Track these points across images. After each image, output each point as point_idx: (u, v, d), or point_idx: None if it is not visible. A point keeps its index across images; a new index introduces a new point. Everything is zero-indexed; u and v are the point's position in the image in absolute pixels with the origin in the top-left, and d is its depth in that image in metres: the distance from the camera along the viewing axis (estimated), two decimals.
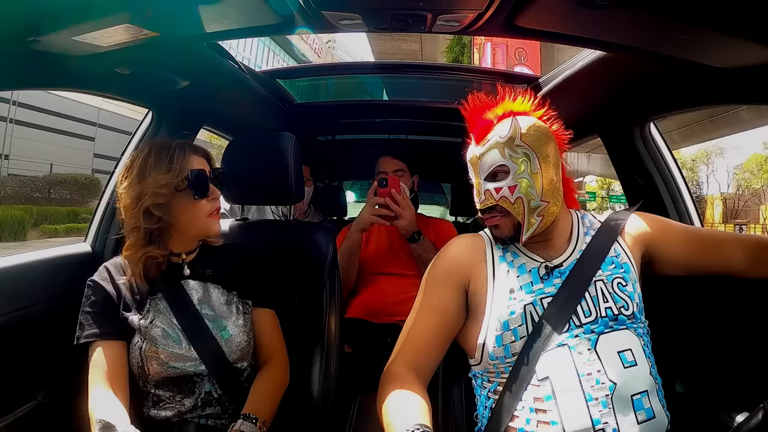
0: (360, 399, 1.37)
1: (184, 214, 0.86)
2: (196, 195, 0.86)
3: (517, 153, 0.79)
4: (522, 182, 0.79)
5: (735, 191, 28.10)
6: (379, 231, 1.62)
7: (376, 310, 1.48)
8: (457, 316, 0.83)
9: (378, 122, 1.92)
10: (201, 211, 0.88)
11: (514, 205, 0.79)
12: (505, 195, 0.79)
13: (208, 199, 0.89)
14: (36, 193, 12.60)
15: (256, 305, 0.93)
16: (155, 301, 0.86)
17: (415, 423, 0.63)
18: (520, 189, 0.79)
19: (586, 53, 0.96)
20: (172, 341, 0.83)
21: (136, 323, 0.83)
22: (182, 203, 0.86)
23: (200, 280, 0.90)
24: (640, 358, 0.73)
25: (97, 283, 0.85)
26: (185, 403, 0.83)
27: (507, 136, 0.79)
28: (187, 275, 0.89)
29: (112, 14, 0.67)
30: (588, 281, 0.78)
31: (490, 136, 0.81)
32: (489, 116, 0.82)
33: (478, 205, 0.84)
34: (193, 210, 0.87)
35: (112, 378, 0.79)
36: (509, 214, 0.80)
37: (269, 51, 21.55)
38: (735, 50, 0.67)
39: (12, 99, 12.13)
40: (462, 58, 10.74)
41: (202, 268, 0.91)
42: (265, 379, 0.89)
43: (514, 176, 0.79)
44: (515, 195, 0.79)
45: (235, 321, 0.88)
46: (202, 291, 0.89)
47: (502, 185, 0.79)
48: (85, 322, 0.82)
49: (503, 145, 0.79)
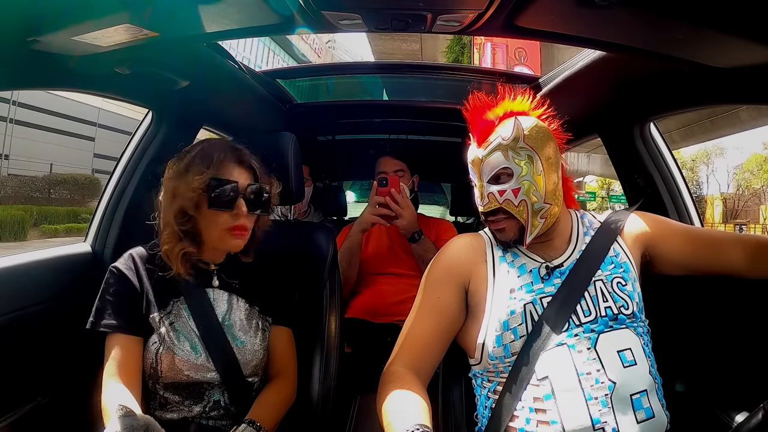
0: (360, 399, 1.37)
1: (205, 221, 0.83)
2: (211, 205, 0.81)
3: (520, 155, 0.79)
4: (525, 184, 0.78)
5: (735, 191, 28.12)
6: (380, 231, 1.62)
7: (376, 310, 1.48)
8: (457, 315, 0.83)
9: (378, 122, 1.92)
10: (218, 223, 0.83)
11: (518, 208, 0.79)
12: (509, 198, 0.79)
13: (231, 213, 0.82)
14: (36, 193, 12.59)
15: (276, 323, 0.92)
16: (177, 305, 0.84)
17: (415, 423, 0.63)
18: (523, 191, 0.78)
19: (587, 53, 0.96)
20: (189, 347, 0.82)
21: (156, 323, 0.82)
22: (206, 210, 0.82)
23: (227, 290, 0.89)
24: (639, 357, 0.73)
25: (121, 271, 0.83)
26: (193, 410, 0.82)
27: (510, 138, 0.79)
28: (216, 285, 0.88)
29: (112, 14, 0.67)
30: (587, 281, 0.78)
31: (492, 138, 0.80)
32: (490, 116, 0.82)
33: (481, 208, 0.83)
34: (211, 220, 0.83)
35: (128, 374, 0.78)
36: (513, 217, 0.80)
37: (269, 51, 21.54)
38: (735, 50, 0.67)
39: (12, 99, 12.12)
40: (462, 58, 10.74)
41: (229, 277, 0.90)
42: (274, 391, 0.88)
43: (518, 179, 0.78)
44: (519, 198, 0.78)
45: (254, 337, 0.87)
46: (227, 304, 0.88)
47: (506, 188, 0.79)
48: (105, 311, 0.80)
49: (506, 147, 0.79)
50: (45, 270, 1.00)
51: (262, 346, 0.88)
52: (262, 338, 0.88)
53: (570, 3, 0.60)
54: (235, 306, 0.88)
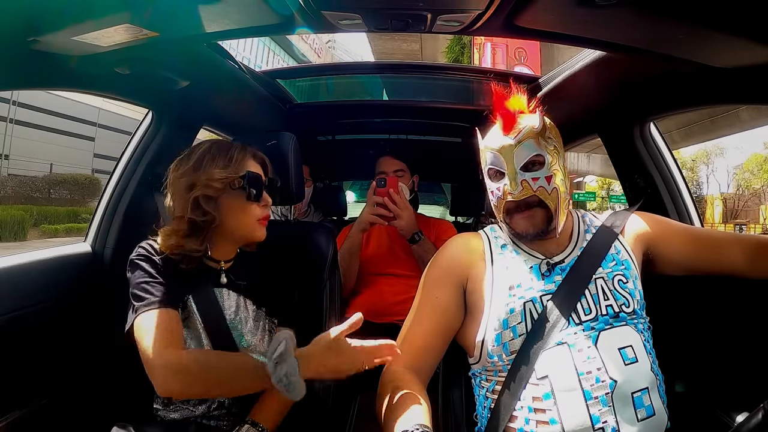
0: (360, 399, 1.37)
1: (232, 213, 0.85)
2: (251, 197, 0.85)
3: (550, 144, 0.79)
4: (557, 174, 0.79)
5: (735, 191, 28.12)
6: (380, 232, 1.62)
7: (377, 310, 1.48)
8: (456, 315, 0.83)
9: (378, 122, 1.92)
10: (251, 214, 0.86)
11: (551, 195, 0.78)
12: (543, 185, 0.78)
13: (260, 204, 0.87)
14: (36, 193, 12.58)
15: (281, 325, 0.93)
16: (189, 302, 0.84)
17: (415, 423, 0.63)
18: (555, 179, 0.78)
19: (586, 53, 0.96)
20: (195, 345, 0.82)
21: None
22: (233, 202, 0.84)
23: (235, 291, 0.89)
24: (641, 354, 0.73)
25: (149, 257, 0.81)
26: (197, 410, 0.83)
27: (539, 127, 0.79)
28: (224, 284, 0.88)
29: (112, 14, 0.67)
30: (588, 278, 0.78)
31: (522, 126, 0.80)
32: (514, 106, 0.81)
33: (514, 196, 0.79)
34: (243, 211, 0.85)
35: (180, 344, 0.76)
36: (544, 205, 0.79)
37: (269, 51, 21.54)
38: (735, 50, 0.67)
39: (12, 99, 12.12)
40: (462, 58, 10.74)
41: (237, 278, 0.90)
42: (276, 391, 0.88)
43: (549, 167, 0.78)
44: (551, 185, 0.78)
45: (261, 339, 0.88)
46: (235, 305, 0.88)
47: (539, 175, 0.78)
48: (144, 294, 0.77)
49: (537, 135, 0.79)
50: (45, 270, 1.00)
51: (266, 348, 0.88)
52: (267, 341, 0.89)
53: (570, 3, 0.60)
54: (243, 307, 0.89)
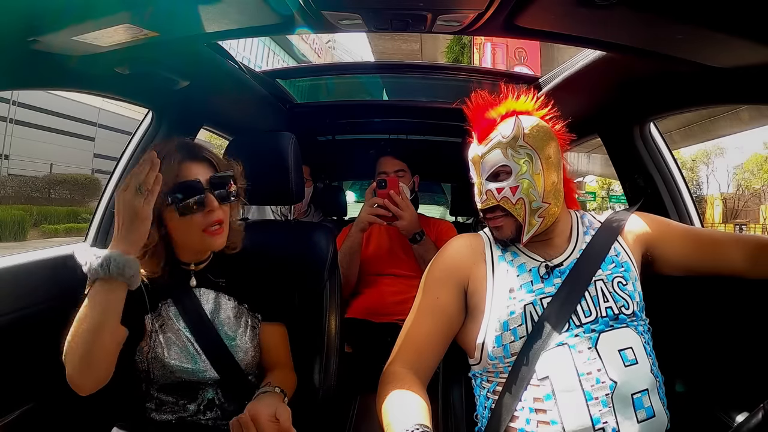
0: (360, 399, 1.37)
1: (176, 229, 0.80)
2: (187, 210, 0.77)
3: (520, 153, 0.79)
4: (524, 183, 0.78)
5: (735, 191, 28.11)
6: (380, 232, 1.62)
7: (377, 310, 1.48)
8: (457, 316, 0.83)
9: (378, 122, 1.92)
10: (193, 227, 0.79)
11: (516, 206, 0.79)
12: (507, 195, 0.79)
13: (204, 212, 0.79)
14: (36, 193, 12.60)
15: (266, 320, 0.91)
16: (166, 307, 0.84)
17: (415, 423, 0.63)
18: (521, 190, 0.78)
19: (587, 53, 0.96)
20: (178, 349, 0.82)
21: (148, 326, 0.81)
22: (173, 217, 0.79)
23: (213, 289, 0.88)
24: (641, 356, 0.73)
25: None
26: (187, 408, 0.83)
27: (510, 136, 0.79)
28: (194, 285, 0.86)
29: (112, 14, 0.67)
30: (588, 280, 0.78)
31: (492, 136, 0.81)
32: (492, 115, 0.82)
33: (480, 205, 0.83)
34: (184, 225, 0.79)
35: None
36: (511, 215, 0.80)
37: (269, 51, 21.55)
38: (735, 50, 0.67)
39: (12, 99, 12.12)
40: (462, 58, 10.73)
41: (215, 276, 0.89)
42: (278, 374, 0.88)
43: (516, 177, 0.79)
44: (517, 196, 0.79)
45: (243, 335, 0.87)
46: (213, 303, 0.87)
47: (504, 185, 0.79)
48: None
49: (506, 145, 0.79)
50: (45, 270, 1.00)
51: (252, 344, 0.87)
52: (251, 336, 0.88)
53: (570, 3, 0.60)
54: (223, 304, 0.88)
